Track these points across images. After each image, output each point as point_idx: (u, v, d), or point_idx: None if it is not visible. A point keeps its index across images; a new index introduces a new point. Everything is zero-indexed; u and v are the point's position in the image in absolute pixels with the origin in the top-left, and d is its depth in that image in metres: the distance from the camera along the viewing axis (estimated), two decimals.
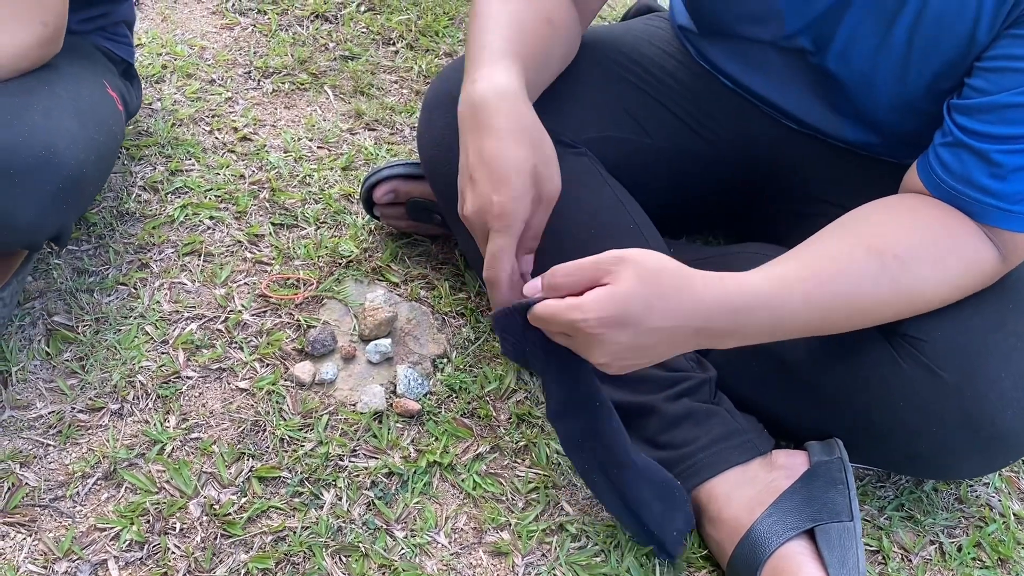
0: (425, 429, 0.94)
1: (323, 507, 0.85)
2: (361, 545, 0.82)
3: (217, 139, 1.29)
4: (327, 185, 1.23)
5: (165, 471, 0.86)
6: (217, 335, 1.00)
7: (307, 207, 1.19)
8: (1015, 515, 0.96)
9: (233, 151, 1.27)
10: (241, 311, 1.03)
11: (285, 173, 1.24)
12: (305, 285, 1.08)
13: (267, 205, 1.19)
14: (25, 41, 0.91)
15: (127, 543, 0.80)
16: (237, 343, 0.99)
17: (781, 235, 0.99)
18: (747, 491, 0.83)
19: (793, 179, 1.03)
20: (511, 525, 0.86)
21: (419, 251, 1.15)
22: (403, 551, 0.82)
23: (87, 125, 0.93)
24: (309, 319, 1.03)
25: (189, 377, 0.95)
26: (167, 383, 0.94)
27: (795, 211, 1.03)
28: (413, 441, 0.92)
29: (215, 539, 0.81)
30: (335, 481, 0.87)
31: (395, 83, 1.49)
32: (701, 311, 0.69)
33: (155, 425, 0.90)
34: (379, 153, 1.31)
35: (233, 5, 1.61)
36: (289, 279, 1.08)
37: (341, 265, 1.11)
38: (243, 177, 1.22)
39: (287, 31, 1.57)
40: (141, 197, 1.17)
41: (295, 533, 0.82)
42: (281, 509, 0.84)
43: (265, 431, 0.91)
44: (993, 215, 0.77)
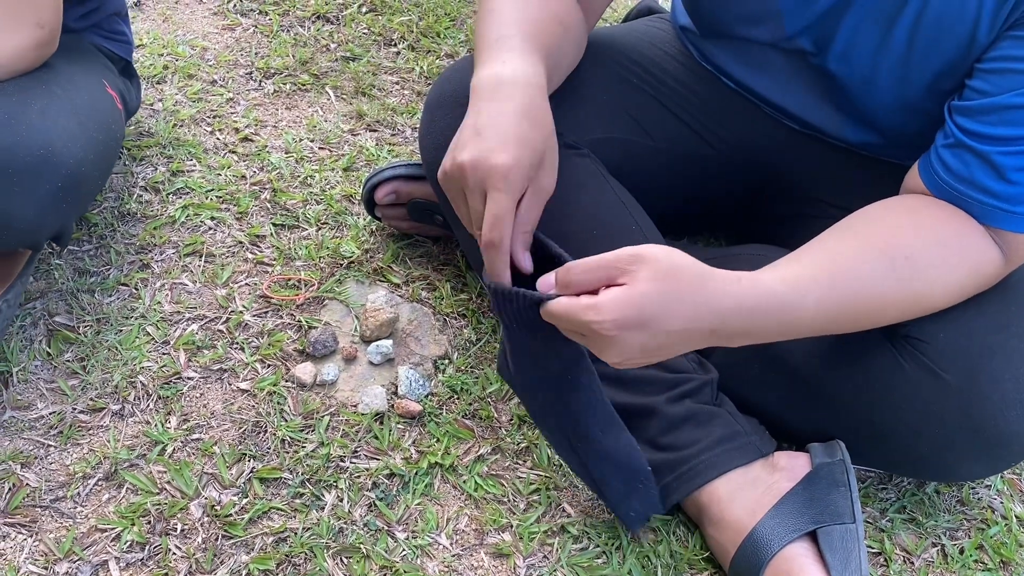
0: (426, 430, 0.93)
1: (324, 508, 0.85)
2: (362, 546, 0.82)
3: (218, 140, 1.29)
4: (328, 186, 1.23)
5: (166, 472, 0.86)
6: (218, 336, 1.00)
7: (308, 208, 1.19)
8: (1017, 517, 0.96)
9: (234, 152, 1.27)
10: (242, 312, 1.03)
11: (286, 174, 1.24)
12: (306, 286, 1.08)
13: (268, 206, 1.19)
14: (21, 43, 0.91)
15: (128, 544, 0.80)
16: (238, 344, 0.99)
17: (782, 236, 0.99)
18: (749, 493, 0.83)
19: (794, 180, 1.03)
20: (512, 526, 0.86)
21: (420, 252, 1.15)
22: (404, 552, 0.82)
23: (85, 124, 0.93)
24: (310, 320, 1.03)
25: (190, 378, 0.95)
26: (168, 384, 0.94)
27: (796, 212, 1.03)
28: (414, 442, 0.92)
29: (216, 540, 0.81)
30: (336, 482, 0.87)
31: (396, 84, 1.49)
32: (717, 312, 0.69)
33: (156, 426, 0.90)
34: (380, 154, 1.31)
35: (234, 6, 1.61)
36: (290, 280, 1.08)
37: (342, 266, 1.11)
38: (244, 178, 1.22)
39: (288, 32, 1.57)
40: (142, 198, 1.17)
41: (296, 534, 0.82)
42: (282, 510, 0.84)
43: (266, 432, 0.91)
44: (996, 216, 0.77)
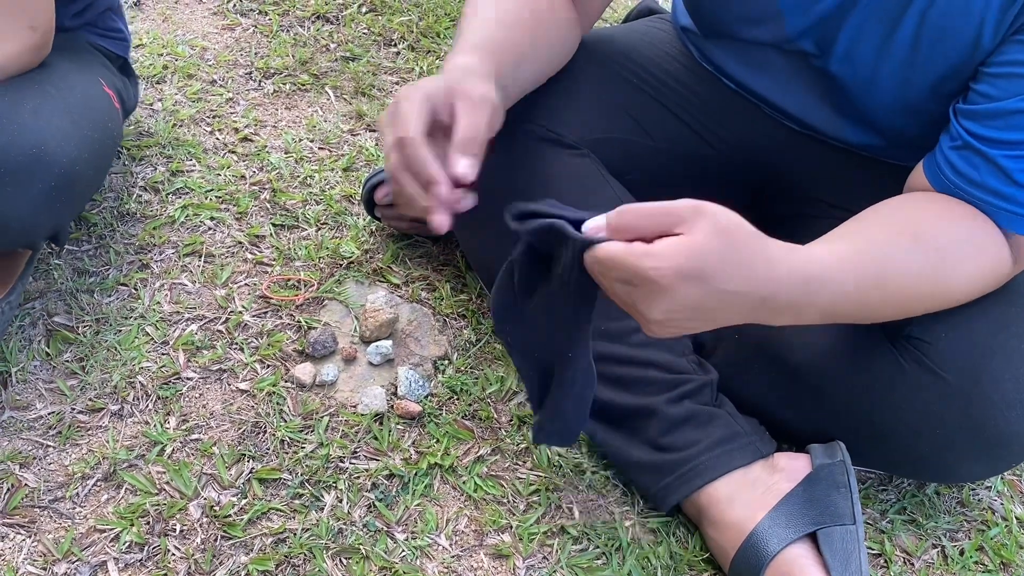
0: (426, 431, 0.93)
1: (324, 509, 0.84)
2: (362, 547, 0.82)
3: (218, 140, 1.29)
4: (328, 186, 1.23)
5: (165, 472, 0.86)
6: (218, 336, 1.00)
7: (308, 208, 1.19)
8: (1017, 519, 0.96)
9: (234, 152, 1.27)
10: (242, 312, 1.03)
11: (286, 174, 1.24)
12: (306, 286, 1.07)
13: (268, 206, 1.18)
14: (14, 48, 0.91)
15: (127, 544, 0.80)
16: (238, 344, 0.99)
17: (782, 236, 0.98)
18: (749, 494, 0.83)
19: (794, 180, 1.03)
20: (512, 527, 0.86)
21: (420, 252, 1.15)
22: (404, 553, 0.82)
23: (79, 122, 0.92)
24: (310, 320, 1.03)
25: (189, 378, 0.95)
26: (167, 384, 0.94)
27: (796, 212, 1.03)
28: (414, 443, 0.92)
29: (215, 541, 0.81)
30: (336, 483, 0.87)
31: (396, 84, 1.49)
32: (772, 279, 0.66)
33: (155, 426, 0.90)
34: (380, 154, 1.31)
35: (234, 6, 1.61)
36: (290, 280, 1.08)
37: (342, 266, 1.11)
38: (244, 178, 1.22)
39: (288, 32, 1.57)
40: (142, 198, 1.17)
41: (295, 535, 0.82)
42: (281, 511, 0.84)
43: (265, 432, 0.91)
44: (1004, 218, 0.77)
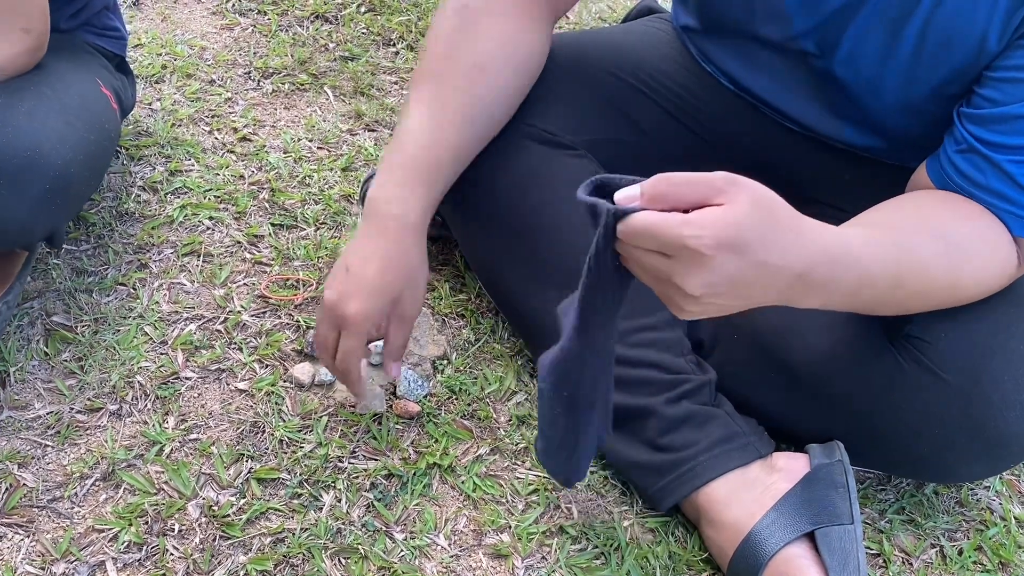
0: (425, 431, 0.93)
1: (322, 509, 0.84)
2: (360, 547, 0.82)
3: (217, 139, 1.29)
4: (327, 186, 1.23)
5: (164, 472, 0.86)
6: (216, 336, 1.00)
7: (307, 208, 1.19)
8: (1016, 518, 0.96)
9: (233, 151, 1.27)
10: (240, 312, 1.03)
11: (285, 174, 1.24)
12: (305, 286, 1.07)
13: (267, 206, 1.18)
14: (9, 50, 0.91)
15: (125, 544, 0.80)
16: (236, 344, 0.99)
17: None
18: (747, 494, 0.83)
19: (794, 181, 1.02)
20: (511, 527, 0.86)
21: None
22: (402, 553, 0.82)
23: (74, 124, 0.92)
24: (309, 320, 1.03)
25: (188, 378, 0.95)
26: (166, 384, 0.94)
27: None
28: (413, 443, 0.92)
29: (214, 540, 0.81)
30: (334, 483, 0.87)
31: (395, 84, 1.49)
32: (808, 255, 0.65)
33: (154, 426, 0.90)
34: (379, 154, 1.31)
35: (233, 5, 1.61)
36: (289, 280, 1.08)
37: None
38: (243, 177, 1.22)
39: (287, 31, 1.57)
40: (140, 197, 1.17)
41: (294, 535, 0.82)
42: (280, 511, 0.84)
43: (264, 432, 0.91)
44: (1008, 220, 0.77)
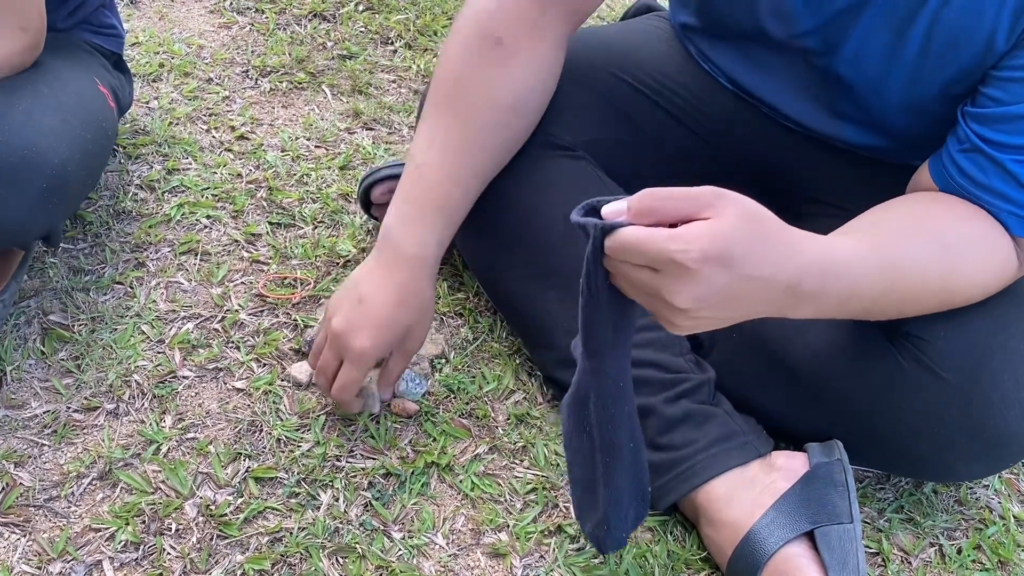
0: (423, 430, 0.93)
1: (320, 508, 0.84)
2: (358, 546, 0.81)
3: (214, 138, 1.29)
4: (325, 184, 1.23)
5: (161, 471, 0.85)
6: (214, 335, 1.00)
7: (305, 206, 1.19)
8: (1015, 517, 0.96)
9: (230, 150, 1.27)
10: (238, 310, 1.03)
11: (282, 172, 1.24)
12: (302, 285, 1.07)
13: (264, 204, 1.18)
14: (6, 49, 0.91)
15: (122, 544, 0.79)
16: (234, 343, 0.99)
17: None
18: (746, 493, 0.82)
19: (793, 180, 1.02)
20: (509, 526, 0.86)
21: None
22: (400, 552, 0.82)
23: (71, 123, 0.92)
24: (306, 319, 1.03)
25: (185, 377, 0.95)
26: (163, 383, 0.94)
27: (796, 212, 1.02)
28: (411, 442, 0.92)
29: (211, 540, 0.80)
30: (332, 482, 0.87)
31: (393, 82, 1.48)
32: (798, 266, 0.65)
33: (151, 425, 0.89)
34: (377, 152, 1.30)
35: (231, 4, 1.61)
36: (286, 278, 1.08)
37: (339, 265, 1.10)
38: (240, 176, 1.22)
39: (285, 30, 1.57)
40: (138, 196, 1.17)
41: (292, 534, 0.82)
42: (278, 510, 0.84)
43: (262, 431, 0.90)
44: (1010, 221, 0.77)
